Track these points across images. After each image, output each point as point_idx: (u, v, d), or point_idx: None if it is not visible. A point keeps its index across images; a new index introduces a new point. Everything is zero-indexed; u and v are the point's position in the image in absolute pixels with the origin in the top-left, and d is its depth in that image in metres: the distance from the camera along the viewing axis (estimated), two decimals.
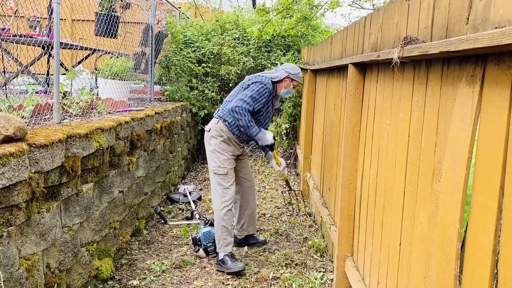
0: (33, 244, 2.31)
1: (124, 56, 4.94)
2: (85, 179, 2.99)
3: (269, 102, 3.58)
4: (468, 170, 1.34)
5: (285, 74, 3.59)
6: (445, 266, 1.43)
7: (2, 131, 2.13)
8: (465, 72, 1.38)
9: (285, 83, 3.61)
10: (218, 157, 3.45)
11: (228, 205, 3.43)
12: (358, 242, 2.75)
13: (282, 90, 3.62)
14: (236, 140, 3.54)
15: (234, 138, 3.51)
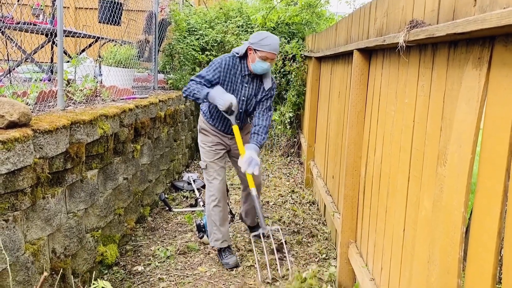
0: (39, 229, 2.33)
1: (127, 44, 4.92)
2: (90, 165, 3.00)
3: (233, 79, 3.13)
4: (473, 154, 1.33)
5: (247, 46, 3.10)
6: (449, 250, 1.43)
7: (7, 116, 2.13)
8: (472, 55, 1.36)
9: (250, 56, 3.10)
10: (201, 151, 3.37)
11: (214, 200, 3.25)
12: (361, 228, 2.75)
13: (251, 66, 3.11)
14: (214, 129, 3.31)
15: (211, 127, 3.31)
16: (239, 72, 3.14)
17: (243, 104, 3.22)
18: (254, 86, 3.21)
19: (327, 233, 3.90)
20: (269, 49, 3.00)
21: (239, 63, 3.15)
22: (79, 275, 2.76)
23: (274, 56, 3.06)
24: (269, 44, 3.00)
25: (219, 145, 3.33)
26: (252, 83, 3.20)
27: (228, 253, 3.33)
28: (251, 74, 3.17)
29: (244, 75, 3.15)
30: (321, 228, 4.03)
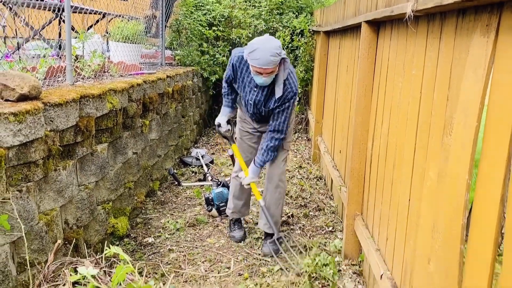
0: (51, 200, 2.39)
1: (134, 19, 4.90)
2: (100, 139, 3.05)
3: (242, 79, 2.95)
4: (479, 122, 1.34)
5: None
6: (453, 217, 1.46)
7: (18, 89, 2.17)
8: (480, 22, 1.35)
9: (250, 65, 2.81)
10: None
11: (235, 172, 3.34)
12: (367, 201, 2.78)
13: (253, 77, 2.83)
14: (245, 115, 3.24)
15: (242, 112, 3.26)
16: (248, 73, 2.91)
17: (253, 107, 3.01)
18: (264, 92, 2.91)
19: (333, 207, 3.94)
20: (257, 64, 2.65)
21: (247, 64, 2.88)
22: (91, 245, 2.84)
23: (267, 70, 2.68)
24: (258, 58, 2.63)
25: (248, 122, 3.21)
26: (261, 89, 2.91)
27: (237, 226, 3.39)
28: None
29: (252, 79, 2.91)
30: (328, 202, 4.07)
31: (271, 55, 2.63)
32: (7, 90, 2.17)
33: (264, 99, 2.92)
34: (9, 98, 2.18)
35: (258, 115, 3.08)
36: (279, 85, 2.81)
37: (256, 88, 2.90)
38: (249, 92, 2.94)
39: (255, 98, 2.94)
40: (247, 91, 2.96)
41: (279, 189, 3.15)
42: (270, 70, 2.69)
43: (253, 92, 2.92)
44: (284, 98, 2.87)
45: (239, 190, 3.33)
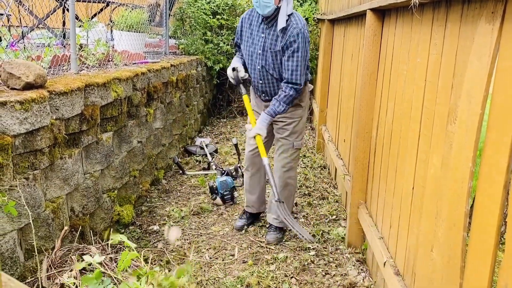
0: (57, 188, 2.41)
1: (138, 8, 4.89)
2: (105, 128, 3.06)
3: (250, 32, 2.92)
4: (483, 110, 1.34)
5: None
6: (456, 204, 1.46)
7: (23, 77, 2.18)
8: (485, 10, 1.34)
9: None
10: None
11: (245, 167, 3.29)
12: (371, 189, 2.79)
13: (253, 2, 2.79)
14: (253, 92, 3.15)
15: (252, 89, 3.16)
16: (256, 22, 2.89)
17: (261, 60, 2.88)
18: (271, 33, 2.82)
19: (337, 196, 3.96)
20: None
21: (254, 15, 2.92)
22: (97, 233, 2.88)
23: None
24: None
25: (256, 114, 3.10)
26: (267, 31, 2.83)
27: (243, 217, 3.39)
28: (265, 20, 2.83)
29: (259, 24, 2.86)
30: (332, 191, 4.09)
31: None
32: (13, 78, 2.18)
33: (270, 41, 2.81)
34: (15, 87, 2.19)
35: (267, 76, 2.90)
36: (282, 16, 2.72)
37: (263, 32, 2.83)
38: (258, 40, 2.85)
39: (263, 43, 2.83)
40: (256, 42, 2.87)
41: (289, 187, 3.13)
42: None
43: (261, 38, 2.83)
44: (289, 36, 2.74)
45: (250, 184, 3.29)
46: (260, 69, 2.91)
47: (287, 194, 3.14)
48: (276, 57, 2.84)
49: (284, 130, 3.03)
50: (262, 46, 2.85)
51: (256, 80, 2.98)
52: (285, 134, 3.03)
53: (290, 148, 3.05)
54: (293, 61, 2.77)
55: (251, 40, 2.90)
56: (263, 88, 2.99)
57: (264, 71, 2.90)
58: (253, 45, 2.90)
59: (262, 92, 3.01)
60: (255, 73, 2.96)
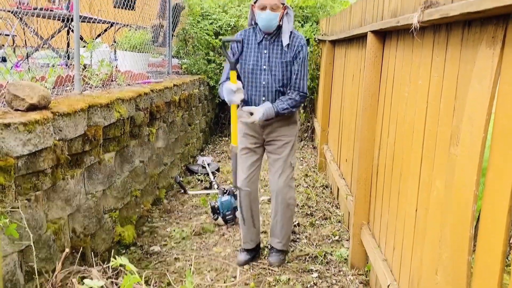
0: (59, 209, 2.41)
1: (142, 29, 4.95)
2: (107, 148, 3.07)
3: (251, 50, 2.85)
4: (485, 133, 1.34)
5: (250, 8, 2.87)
6: (460, 228, 1.45)
7: (27, 99, 2.20)
8: (485, 34, 1.36)
9: (255, 15, 2.82)
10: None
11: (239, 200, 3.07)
12: (374, 210, 2.77)
13: (259, 23, 2.80)
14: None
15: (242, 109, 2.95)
16: (255, 39, 2.86)
17: (267, 76, 2.84)
18: (274, 48, 2.83)
19: (340, 216, 3.93)
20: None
21: (253, 31, 2.88)
22: (98, 254, 2.85)
23: (271, 2, 2.68)
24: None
25: (250, 138, 2.98)
26: (272, 48, 2.84)
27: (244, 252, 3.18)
28: (267, 37, 2.84)
29: (260, 41, 2.85)
30: (334, 211, 4.06)
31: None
32: (17, 100, 2.20)
33: (275, 56, 2.83)
34: (19, 108, 2.21)
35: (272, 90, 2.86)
36: (285, 34, 2.80)
37: (266, 48, 2.84)
38: (261, 57, 2.85)
39: (267, 58, 2.84)
40: (258, 58, 2.85)
41: (290, 207, 3.07)
42: (274, 2, 2.68)
43: (264, 54, 2.84)
44: (296, 46, 2.82)
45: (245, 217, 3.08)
46: (265, 84, 2.86)
47: (289, 215, 3.10)
48: (286, 67, 2.84)
49: (284, 149, 2.97)
50: (267, 62, 2.84)
51: (258, 97, 2.88)
52: (284, 153, 2.97)
53: (288, 167, 3.00)
54: (301, 69, 2.85)
55: (252, 58, 2.87)
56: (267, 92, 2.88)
57: (269, 86, 2.86)
58: (256, 62, 2.86)
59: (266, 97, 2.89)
60: (258, 89, 2.88)
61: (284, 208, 3.03)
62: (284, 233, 3.09)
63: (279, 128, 2.94)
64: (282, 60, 2.83)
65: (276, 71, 2.84)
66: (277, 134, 2.94)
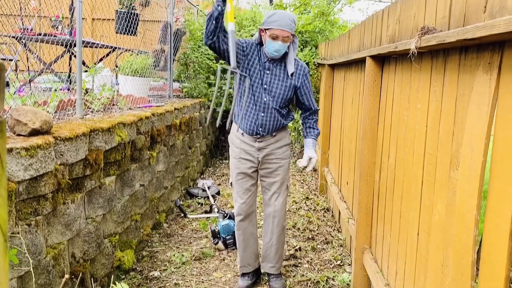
0: (59, 233, 2.40)
1: (143, 54, 5.02)
2: (108, 172, 3.07)
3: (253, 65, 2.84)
4: (485, 157, 1.35)
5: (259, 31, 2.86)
6: (462, 253, 1.45)
7: (30, 124, 2.21)
8: (482, 60, 1.38)
9: (263, 39, 2.83)
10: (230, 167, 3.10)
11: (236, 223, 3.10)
12: (376, 234, 2.76)
13: (266, 49, 2.81)
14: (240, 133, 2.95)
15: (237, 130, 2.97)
16: (259, 58, 2.87)
17: (267, 95, 2.86)
18: (277, 70, 2.88)
19: (341, 240, 3.90)
20: (276, 26, 2.67)
21: (258, 49, 2.88)
22: (97, 279, 2.82)
23: (285, 34, 2.70)
24: (277, 20, 2.68)
25: (245, 162, 2.97)
26: (275, 70, 2.87)
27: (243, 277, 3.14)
28: (271, 61, 2.86)
29: (264, 62, 2.86)
30: (336, 235, 4.03)
31: (289, 19, 2.72)
32: (20, 125, 2.22)
33: (277, 80, 2.87)
34: (21, 133, 2.22)
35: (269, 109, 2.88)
36: (290, 62, 2.87)
37: (269, 70, 2.86)
38: (263, 76, 2.86)
39: (269, 80, 2.86)
40: (260, 76, 2.86)
41: (284, 230, 3.10)
42: (287, 34, 2.71)
43: (266, 74, 2.86)
44: (301, 76, 2.91)
45: (243, 240, 3.09)
46: (266, 101, 2.87)
47: (283, 238, 3.11)
48: (287, 91, 2.88)
49: (279, 172, 2.97)
50: (268, 82, 2.86)
51: (257, 112, 2.88)
52: (280, 176, 2.97)
53: (285, 190, 3.02)
54: (308, 91, 2.98)
55: (254, 74, 2.86)
56: (263, 120, 2.89)
57: (269, 104, 2.87)
58: (258, 80, 2.86)
59: (260, 125, 2.90)
60: (258, 105, 2.88)
61: (280, 231, 3.04)
62: (278, 257, 3.09)
63: (274, 151, 2.96)
64: (284, 83, 2.88)
65: (276, 93, 2.87)
66: (273, 157, 2.96)
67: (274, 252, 3.06)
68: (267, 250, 3.09)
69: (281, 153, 2.98)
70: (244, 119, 2.92)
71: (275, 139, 2.94)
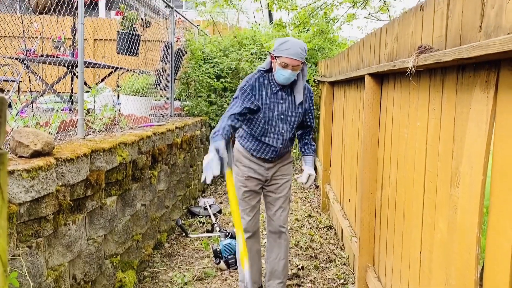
0: (60, 255, 2.38)
1: (145, 73, 5.07)
2: (109, 192, 3.07)
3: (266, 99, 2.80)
4: (485, 175, 1.35)
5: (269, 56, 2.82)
6: (465, 270, 1.43)
7: (31, 145, 2.22)
8: (479, 79, 1.40)
9: (273, 65, 2.79)
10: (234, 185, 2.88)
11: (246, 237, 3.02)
12: (379, 252, 2.74)
13: (275, 76, 2.78)
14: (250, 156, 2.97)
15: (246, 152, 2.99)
16: (270, 89, 2.82)
17: (285, 124, 2.86)
18: (289, 98, 2.86)
19: (345, 258, 3.87)
20: (287, 54, 2.63)
21: (268, 79, 2.83)
22: None
23: (295, 63, 2.66)
24: (288, 48, 2.65)
25: (254, 180, 2.97)
26: (287, 98, 2.85)
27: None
28: (283, 88, 2.83)
29: (276, 91, 2.82)
30: (339, 253, 4.00)
31: (300, 48, 2.67)
32: (21, 146, 2.23)
33: (292, 108, 2.86)
34: (23, 155, 2.23)
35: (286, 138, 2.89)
36: (299, 91, 2.84)
37: (282, 99, 2.83)
38: (278, 107, 2.83)
39: (285, 110, 2.85)
40: (275, 108, 2.82)
41: (288, 244, 3.13)
42: (297, 63, 2.67)
43: (280, 104, 2.83)
44: (308, 96, 2.97)
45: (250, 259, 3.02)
46: (284, 133, 2.87)
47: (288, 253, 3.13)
48: (299, 117, 2.93)
49: (285, 187, 3.04)
50: (285, 111, 2.84)
51: (274, 142, 2.87)
52: (285, 191, 3.04)
53: (288, 203, 3.09)
54: (310, 114, 3.04)
55: (269, 107, 2.82)
56: (280, 150, 2.90)
57: (286, 133, 2.88)
58: (274, 111, 2.83)
59: (275, 152, 2.90)
60: (275, 137, 2.86)
61: (286, 245, 3.09)
62: (286, 272, 3.13)
63: (281, 168, 3.03)
64: (298, 110, 2.90)
65: (292, 120, 2.88)
66: (279, 173, 3.02)
67: (282, 267, 3.07)
68: (275, 266, 3.08)
69: (285, 169, 3.07)
70: (258, 149, 2.91)
71: (282, 158, 3.04)
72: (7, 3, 3.09)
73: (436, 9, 1.75)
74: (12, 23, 3.86)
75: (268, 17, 15.14)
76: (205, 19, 9.51)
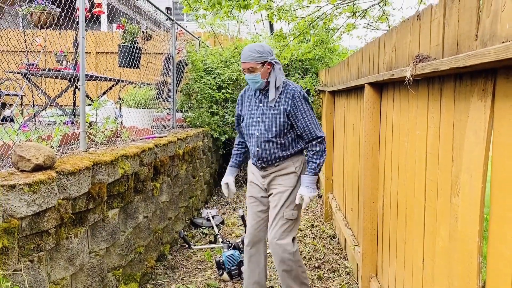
0: (62, 269, 2.38)
1: (146, 86, 5.10)
2: (111, 204, 3.07)
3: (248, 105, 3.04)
4: (484, 183, 1.35)
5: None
6: (467, 279, 1.43)
7: (33, 159, 2.24)
8: (476, 87, 1.40)
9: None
10: None
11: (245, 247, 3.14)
12: (382, 261, 2.72)
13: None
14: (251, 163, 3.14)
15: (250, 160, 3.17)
16: (254, 95, 3.03)
17: (260, 126, 2.93)
18: (267, 100, 2.96)
19: (348, 268, 3.85)
20: (241, 60, 2.88)
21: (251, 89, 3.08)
22: None
23: (246, 65, 2.84)
24: (242, 55, 2.88)
25: (255, 186, 3.07)
26: (265, 101, 2.97)
27: None
28: (261, 91, 2.97)
29: (257, 97, 3.00)
30: (342, 263, 3.98)
31: (249, 50, 2.84)
32: (23, 161, 2.24)
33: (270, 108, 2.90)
34: (25, 169, 2.25)
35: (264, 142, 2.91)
36: (272, 89, 2.89)
37: (261, 102, 2.96)
38: (257, 110, 2.96)
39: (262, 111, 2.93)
40: (255, 111, 2.97)
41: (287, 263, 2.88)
42: (248, 65, 2.83)
43: (260, 107, 2.96)
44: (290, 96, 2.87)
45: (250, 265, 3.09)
46: (258, 135, 2.92)
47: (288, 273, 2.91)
48: (278, 118, 2.88)
49: (278, 199, 2.91)
50: (261, 114, 2.93)
51: (254, 147, 2.96)
52: (278, 203, 2.89)
53: (280, 219, 2.88)
54: (304, 116, 2.87)
55: (249, 112, 3.01)
56: (260, 154, 2.93)
57: (262, 137, 2.91)
58: (252, 115, 2.99)
59: (258, 159, 2.95)
60: (253, 139, 2.96)
61: (280, 264, 2.89)
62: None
63: (277, 177, 2.95)
64: (275, 111, 2.90)
65: (269, 122, 2.90)
66: (274, 183, 2.96)
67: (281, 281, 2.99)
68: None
69: (282, 179, 2.94)
70: (250, 156, 3.10)
71: (278, 168, 2.94)
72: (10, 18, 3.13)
73: (433, 18, 1.77)
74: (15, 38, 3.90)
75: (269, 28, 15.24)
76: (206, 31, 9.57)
